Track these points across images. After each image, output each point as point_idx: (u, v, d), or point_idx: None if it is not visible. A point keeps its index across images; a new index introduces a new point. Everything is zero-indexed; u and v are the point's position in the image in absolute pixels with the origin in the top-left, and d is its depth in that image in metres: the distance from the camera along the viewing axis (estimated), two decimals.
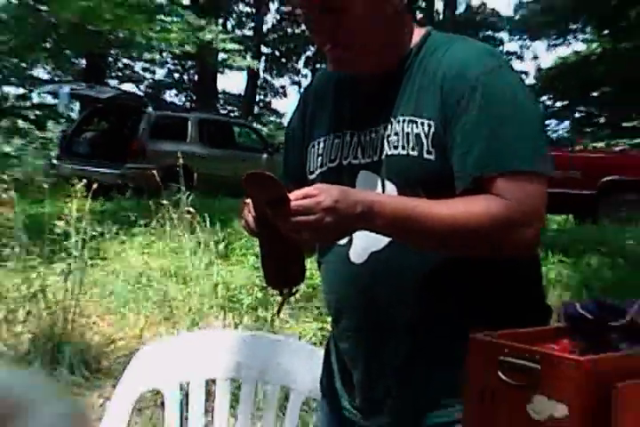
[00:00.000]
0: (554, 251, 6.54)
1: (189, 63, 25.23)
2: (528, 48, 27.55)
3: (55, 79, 21.27)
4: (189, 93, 26.38)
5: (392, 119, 1.56)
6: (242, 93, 25.29)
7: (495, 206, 1.44)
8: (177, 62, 25.84)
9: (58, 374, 4.12)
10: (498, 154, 1.47)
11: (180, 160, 6.71)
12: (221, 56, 20.31)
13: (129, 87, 24.33)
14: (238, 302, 5.17)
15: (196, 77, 25.20)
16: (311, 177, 1.66)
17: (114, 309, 5.31)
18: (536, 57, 32.05)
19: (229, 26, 25.23)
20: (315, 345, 2.96)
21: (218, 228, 6.09)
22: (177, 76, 27.24)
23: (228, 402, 2.10)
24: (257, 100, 26.24)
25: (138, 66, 25.81)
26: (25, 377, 0.99)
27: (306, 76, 27.18)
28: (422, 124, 1.52)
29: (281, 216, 1.38)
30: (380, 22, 1.56)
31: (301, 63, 27.41)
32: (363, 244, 1.57)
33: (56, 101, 18.69)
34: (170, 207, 5.98)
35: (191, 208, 5.98)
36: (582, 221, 10.24)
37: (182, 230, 5.97)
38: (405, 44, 1.60)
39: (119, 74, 25.11)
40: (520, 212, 1.45)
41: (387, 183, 1.56)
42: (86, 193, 5.08)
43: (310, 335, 4.66)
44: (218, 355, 2.13)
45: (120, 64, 24.96)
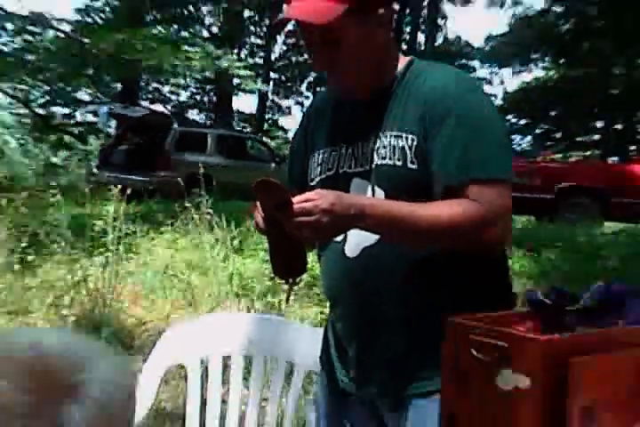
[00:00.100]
0: (518, 246, 6.53)
1: (209, 87, 25.20)
2: (496, 74, 27.48)
3: (95, 101, 21.20)
4: (209, 112, 26.35)
5: (380, 134, 1.56)
6: (253, 112, 25.26)
7: (469, 209, 1.44)
8: (198, 86, 25.80)
9: None
10: (471, 164, 1.47)
11: (201, 169, 6.68)
12: (236, 81, 20.27)
13: (158, 107, 24.28)
14: (250, 290, 5.16)
15: (215, 99, 25.15)
16: (312, 183, 1.66)
17: (144, 295, 5.30)
18: (503, 82, 32.20)
19: (243, 55, 25.20)
20: (315, 326, 2.94)
21: (233, 226, 6.07)
22: (198, 97, 27.19)
23: (242, 375, 2.10)
24: (266, 118, 26.20)
25: (165, 89, 25.78)
26: (81, 338, 0.96)
27: (308, 97, 27.12)
28: (406, 138, 1.52)
29: (286, 217, 1.37)
30: (371, 52, 1.56)
31: (304, 87, 27.38)
32: (356, 240, 1.57)
33: (96, 119, 18.70)
34: (192, 209, 5.97)
35: (210, 210, 5.97)
36: (542, 221, 10.22)
37: (203, 229, 5.96)
38: (392, 71, 1.60)
39: (149, 96, 25.06)
40: (491, 213, 1.45)
41: (376, 189, 1.55)
42: (121, 197, 5.09)
43: (311, 318, 4.66)
44: (233, 335, 2.13)
45: (150, 87, 24.92)
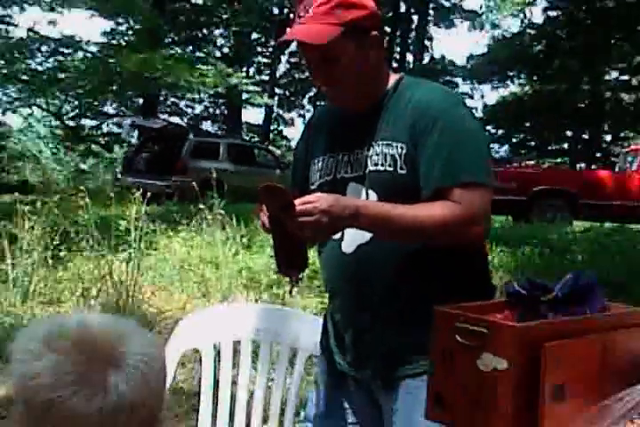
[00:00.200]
0: (497, 243, 6.53)
1: (220, 101, 25.17)
2: (477, 90, 27.43)
3: (120, 114, 21.23)
4: (221, 124, 26.35)
5: (373, 143, 1.56)
6: (260, 124, 25.25)
7: (453, 209, 1.45)
8: (211, 100, 25.77)
9: None
10: (454, 170, 1.47)
11: (214, 175, 6.68)
12: (245, 95, 20.27)
13: (175, 119, 24.30)
14: (258, 282, 5.16)
15: (226, 111, 25.16)
16: (312, 187, 1.66)
17: (163, 287, 5.30)
18: (483, 96, 32.16)
19: (251, 72, 25.20)
20: (316, 315, 2.94)
21: (242, 226, 6.07)
22: (211, 110, 27.16)
23: (250, 358, 2.09)
24: (272, 128, 26.17)
25: (182, 103, 25.76)
26: (118, 318, 1.00)
27: (309, 110, 27.09)
28: (396, 146, 1.52)
29: (288, 217, 1.37)
30: (364, 69, 1.56)
31: (306, 101, 27.34)
32: (352, 238, 1.57)
33: (120, 130, 18.73)
34: (206, 210, 5.97)
35: (222, 211, 5.97)
36: (518, 220, 10.22)
37: (215, 228, 5.95)
38: (384, 86, 1.60)
39: (168, 109, 25.04)
40: (471, 213, 1.45)
41: (370, 192, 1.55)
42: (142, 199, 5.07)
43: (313, 307, 4.65)
44: (242, 323, 2.12)
45: (168, 102, 24.90)
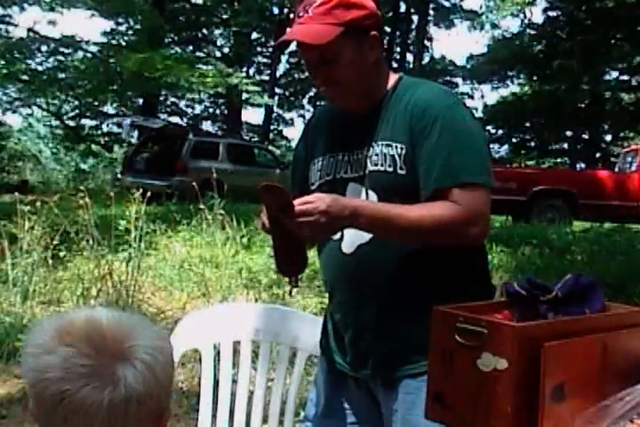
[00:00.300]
0: (497, 243, 6.53)
1: (220, 101, 25.17)
2: (477, 90, 27.44)
3: (120, 114, 21.22)
4: (221, 124, 26.34)
5: (373, 143, 1.56)
6: (260, 124, 25.23)
7: (452, 210, 1.44)
8: (211, 100, 25.77)
9: None
10: (453, 170, 1.47)
11: (214, 174, 6.68)
12: (245, 95, 20.27)
13: (175, 119, 24.32)
14: (258, 282, 5.15)
15: (226, 111, 25.16)
16: (312, 187, 1.66)
17: (163, 287, 5.30)
18: (483, 96, 32.30)
19: (251, 73, 25.19)
20: (316, 315, 2.94)
21: (242, 226, 6.07)
22: (211, 110, 27.16)
23: (250, 358, 2.09)
24: (272, 128, 26.16)
25: (182, 103, 25.77)
26: (126, 312, 1.04)
27: (309, 110, 27.09)
28: (396, 147, 1.52)
29: (287, 218, 1.37)
30: (364, 70, 1.56)
31: (305, 101, 27.33)
32: (352, 239, 1.57)
33: (120, 130, 18.71)
34: (206, 210, 5.96)
35: (222, 211, 5.97)
36: (518, 220, 10.22)
37: (215, 228, 5.96)
38: (383, 86, 1.60)
39: (168, 109, 25.03)
40: (471, 214, 1.45)
41: (369, 192, 1.55)
42: (142, 199, 5.07)
43: (312, 307, 4.65)
44: (242, 322, 2.12)
45: (168, 102, 24.89)
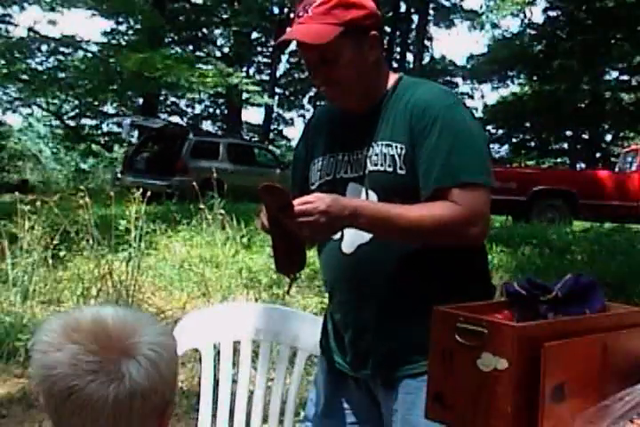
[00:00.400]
0: (497, 243, 6.52)
1: (220, 100, 25.16)
2: (477, 89, 27.45)
3: (120, 113, 21.22)
4: (221, 123, 26.34)
5: (373, 143, 1.56)
6: (260, 123, 25.23)
7: (452, 210, 1.44)
8: (211, 100, 25.77)
9: None
10: (453, 170, 1.47)
11: (214, 174, 6.68)
12: (245, 95, 20.28)
13: (175, 119, 24.33)
14: (258, 282, 5.15)
15: (226, 111, 25.16)
16: (312, 187, 1.65)
17: (163, 287, 5.29)
18: (483, 96, 32.33)
19: (251, 72, 25.18)
20: (316, 315, 2.94)
21: (242, 225, 6.08)
22: (211, 110, 27.15)
23: (250, 358, 2.09)
24: (272, 128, 26.16)
25: (182, 103, 25.78)
26: (130, 310, 1.05)
27: (309, 110, 27.09)
28: (396, 147, 1.52)
29: (287, 218, 1.37)
30: (364, 70, 1.56)
31: (306, 101, 27.34)
32: (352, 239, 1.56)
33: (120, 130, 18.70)
34: (206, 210, 5.96)
35: (222, 211, 5.97)
36: (518, 220, 10.22)
37: (215, 227, 5.96)
38: (383, 86, 1.60)
39: (168, 109, 25.03)
40: (471, 214, 1.45)
41: (369, 192, 1.55)
42: (142, 199, 5.07)
43: (313, 307, 4.65)
44: (242, 322, 2.12)
45: (168, 101, 24.90)
